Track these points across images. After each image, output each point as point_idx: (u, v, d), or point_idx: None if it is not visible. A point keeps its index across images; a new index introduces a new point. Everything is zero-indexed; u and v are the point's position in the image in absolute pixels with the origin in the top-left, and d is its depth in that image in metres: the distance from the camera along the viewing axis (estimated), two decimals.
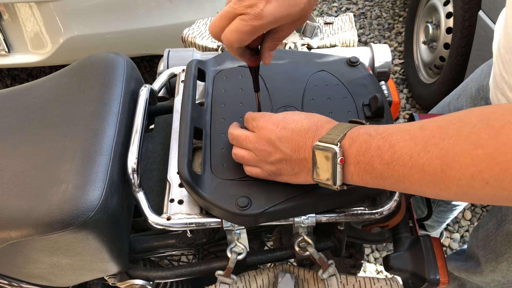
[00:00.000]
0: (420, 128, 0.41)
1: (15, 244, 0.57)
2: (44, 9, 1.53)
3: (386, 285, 0.62)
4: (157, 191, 0.68)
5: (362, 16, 2.52)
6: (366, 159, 0.44)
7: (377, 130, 0.45)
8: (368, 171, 0.45)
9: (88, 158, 0.59)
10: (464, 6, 1.53)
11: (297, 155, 0.51)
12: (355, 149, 0.46)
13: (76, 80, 0.72)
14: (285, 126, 0.52)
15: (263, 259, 0.69)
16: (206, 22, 1.05)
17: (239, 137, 0.56)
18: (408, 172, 0.41)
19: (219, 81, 0.72)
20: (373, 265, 1.55)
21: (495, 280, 0.84)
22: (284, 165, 0.53)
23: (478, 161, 0.36)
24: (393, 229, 0.71)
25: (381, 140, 0.43)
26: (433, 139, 0.39)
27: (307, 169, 0.51)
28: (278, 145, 0.52)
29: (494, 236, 0.79)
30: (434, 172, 0.39)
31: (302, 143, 0.50)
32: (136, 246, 0.71)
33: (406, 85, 2.12)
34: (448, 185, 0.38)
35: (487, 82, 0.80)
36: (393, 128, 0.44)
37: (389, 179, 0.43)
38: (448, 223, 1.65)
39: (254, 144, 0.54)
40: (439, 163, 0.38)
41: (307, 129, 0.51)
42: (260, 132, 0.54)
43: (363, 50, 0.85)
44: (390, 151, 0.42)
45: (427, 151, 0.39)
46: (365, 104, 0.66)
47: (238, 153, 0.57)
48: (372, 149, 0.44)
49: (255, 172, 0.56)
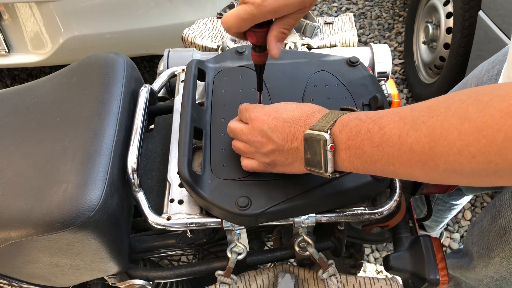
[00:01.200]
0: (410, 109, 0.41)
1: (15, 244, 0.57)
2: (44, 9, 1.52)
3: (386, 285, 0.62)
4: (157, 191, 0.68)
5: (362, 16, 2.52)
6: (357, 144, 0.44)
7: (367, 114, 0.45)
8: (359, 156, 0.45)
9: (88, 158, 0.59)
10: (464, 6, 1.53)
11: (289, 144, 0.51)
12: (345, 134, 0.45)
13: (76, 80, 0.72)
14: (277, 116, 0.52)
15: (263, 259, 0.69)
16: (206, 22, 1.05)
17: (234, 129, 0.57)
18: (397, 152, 0.41)
19: (219, 81, 0.72)
20: (373, 265, 1.55)
21: (488, 277, 0.84)
22: (278, 155, 0.53)
23: (465, 135, 0.35)
24: (393, 229, 0.71)
25: (371, 124, 0.43)
26: (422, 118, 0.39)
27: (300, 159, 0.51)
28: (270, 136, 0.52)
29: (487, 232, 0.80)
30: (422, 151, 0.38)
31: (293, 132, 0.51)
32: (136, 246, 0.71)
33: (406, 85, 2.12)
34: (437, 163, 0.38)
35: (487, 77, 0.80)
36: (384, 111, 0.44)
37: (379, 162, 0.43)
38: (448, 223, 1.65)
39: (247, 136, 0.55)
40: (427, 140, 0.38)
41: (298, 118, 0.51)
42: (253, 123, 0.54)
43: (363, 50, 0.85)
44: (380, 133, 0.42)
45: (415, 130, 0.39)
46: (365, 104, 0.66)
47: (235, 145, 0.58)
48: (362, 133, 0.44)
49: (251, 165, 0.57)
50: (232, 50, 0.77)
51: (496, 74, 0.79)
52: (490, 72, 0.81)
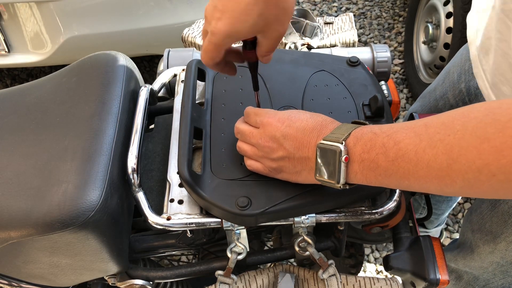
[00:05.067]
0: (425, 126, 0.42)
1: (15, 244, 0.57)
2: (44, 9, 1.52)
3: (386, 285, 0.62)
4: (157, 191, 0.68)
5: (362, 16, 2.52)
6: (371, 157, 0.45)
7: (382, 128, 0.46)
8: (373, 169, 0.45)
9: (88, 158, 0.59)
10: (464, 6, 1.53)
11: (300, 153, 0.51)
12: (359, 147, 0.46)
13: (76, 80, 0.72)
14: (290, 124, 0.53)
15: (263, 259, 0.69)
16: None
17: (244, 132, 0.57)
18: (414, 168, 0.41)
19: (219, 81, 0.72)
20: (373, 265, 1.55)
21: (494, 263, 0.84)
22: (286, 162, 0.53)
23: (484, 154, 0.36)
24: (393, 229, 0.71)
25: (386, 138, 0.44)
26: (438, 135, 0.40)
27: (309, 168, 0.51)
28: (282, 142, 0.52)
29: (489, 218, 0.79)
30: (440, 167, 0.39)
31: (306, 141, 0.51)
32: (136, 246, 0.71)
33: (406, 85, 2.12)
34: (454, 180, 0.39)
35: (468, 66, 0.81)
36: (398, 126, 0.45)
37: (393, 176, 0.44)
38: (448, 223, 1.65)
39: (258, 140, 0.54)
40: (444, 158, 0.39)
41: (312, 128, 0.51)
42: (265, 128, 0.54)
43: (363, 50, 0.85)
44: (395, 148, 0.43)
45: (432, 147, 0.40)
46: (365, 104, 0.66)
47: (241, 147, 0.58)
48: (377, 147, 0.44)
49: (256, 166, 0.57)
50: None
51: None
52: (470, 60, 0.81)
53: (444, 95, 0.89)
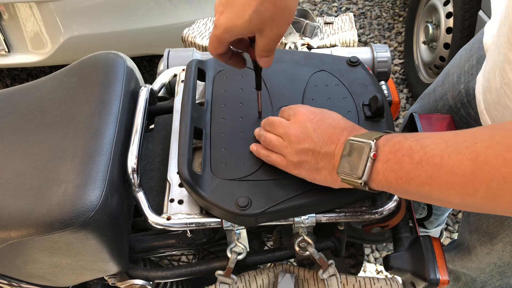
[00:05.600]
0: (454, 134, 0.43)
1: (15, 244, 0.57)
2: (44, 9, 1.52)
3: (386, 285, 0.62)
4: (157, 191, 0.68)
5: (362, 16, 2.52)
6: (396, 158, 0.45)
7: (412, 134, 0.47)
8: (395, 170, 0.45)
9: (88, 158, 0.59)
10: (464, 6, 1.53)
11: (326, 148, 0.52)
12: (388, 147, 0.47)
13: (76, 80, 0.72)
14: (322, 119, 0.54)
15: (263, 259, 0.69)
16: (206, 22, 1.05)
17: (274, 121, 0.58)
18: (437, 172, 0.41)
19: (219, 81, 0.72)
20: (373, 265, 1.55)
21: (491, 264, 0.84)
22: (309, 157, 0.53)
23: (511, 163, 0.36)
24: (393, 229, 0.71)
25: (414, 142, 0.45)
26: (465, 143, 0.40)
27: (331, 167, 0.52)
28: (311, 134, 0.53)
29: (486, 219, 0.80)
30: (464, 174, 0.39)
31: (335, 137, 0.52)
32: (136, 246, 0.71)
33: (406, 85, 2.12)
34: (477, 188, 0.39)
35: (468, 67, 0.81)
36: (427, 133, 0.46)
37: (415, 180, 0.44)
38: (448, 223, 1.65)
39: (286, 129, 0.55)
40: (469, 164, 0.39)
41: (343, 127, 0.53)
42: (297, 118, 0.55)
43: (363, 50, 0.85)
44: (422, 151, 0.43)
45: (458, 153, 0.40)
46: (365, 104, 0.66)
47: (267, 136, 0.58)
48: (404, 149, 0.45)
49: (274, 158, 0.57)
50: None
51: (476, 63, 0.79)
52: (469, 61, 0.81)
53: (443, 96, 0.89)
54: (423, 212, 1.30)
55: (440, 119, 0.79)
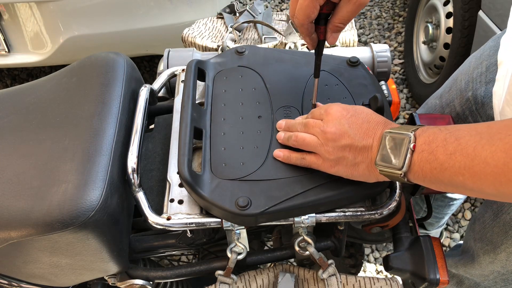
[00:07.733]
0: (487, 126, 0.43)
1: (15, 244, 0.57)
2: (44, 9, 1.52)
3: (386, 285, 0.62)
4: (157, 191, 0.68)
5: (362, 16, 2.52)
6: (430, 149, 0.46)
7: (447, 126, 0.47)
8: (429, 161, 0.46)
9: (88, 158, 0.59)
10: (464, 6, 1.53)
11: (363, 142, 0.52)
12: (423, 138, 0.47)
13: (76, 80, 0.72)
14: (356, 114, 0.54)
15: (263, 259, 0.69)
16: (206, 22, 1.05)
17: (308, 122, 0.58)
18: (470, 162, 0.42)
19: (219, 81, 0.72)
20: (373, 265, 1.55)
21: (495, 272, 0.84)
22: (347, 152, 0.53)
23: None
24: (393, 229, 0.71)
25: (448, 134, 0.45)
26: (499, 135, 0.41)
27: (369, 160, 0.52)
28: (347, 130, 0.53)
29: (490, 228, 0.80)
30: (496, 164, 0.40)
31: (371, 131, 0.52)
32: (136, 246, 0.71)
33: (406, 85, 2.12)
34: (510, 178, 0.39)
35: (476, 74, 0.81)
36: (462, 125, 0.46)
37: (448, 171, 0.44)
38: (448, 223, 1.65)
39: (321, 128, 0.55)
40: (502, 155, 0.39)
41: (377, 122, 0.53)
42: (330, 116, 0.55)
43: (363, 50, 0.85)
44: (455, 143, 0.44)
45: (491, 144, 0.41)
46: (365, 104, 0.66)
47: (299, 136, 0.58)
48: (438, 140, 0.46)
49: (310, 159, 0.57)
50: (232, 50, 0.77)
51: (485, 70, 0.79)
52: (478, 68, 0.81)
53: (450, 102, 0.89)
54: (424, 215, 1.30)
55: (439, 119, 0.80)
